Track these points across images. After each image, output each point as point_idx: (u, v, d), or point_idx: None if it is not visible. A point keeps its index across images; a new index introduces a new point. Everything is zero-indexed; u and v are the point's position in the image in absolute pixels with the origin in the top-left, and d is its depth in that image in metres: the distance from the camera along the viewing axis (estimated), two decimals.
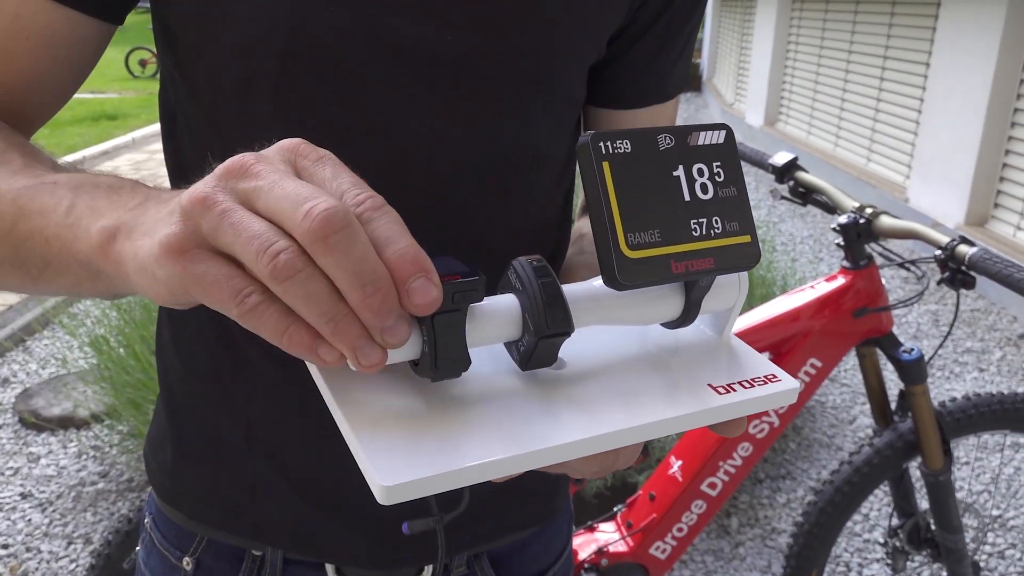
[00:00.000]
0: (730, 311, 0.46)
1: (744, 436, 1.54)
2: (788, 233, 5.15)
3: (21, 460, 2.69)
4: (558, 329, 0.39)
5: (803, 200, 1.66)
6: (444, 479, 0.35)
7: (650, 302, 0.43)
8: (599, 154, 0.39)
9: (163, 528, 0.70)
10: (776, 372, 0.43)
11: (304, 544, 0.66)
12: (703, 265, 0.40)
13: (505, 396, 0.41)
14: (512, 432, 0.38)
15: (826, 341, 1.52)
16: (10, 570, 2.18)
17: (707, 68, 11.53)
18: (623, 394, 0.41)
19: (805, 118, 7.06)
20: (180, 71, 0.59)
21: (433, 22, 0.55)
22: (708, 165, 0.41)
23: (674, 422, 0.40)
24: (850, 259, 1.53)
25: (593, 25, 0.61)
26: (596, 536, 1.64)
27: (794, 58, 7.35)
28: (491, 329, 0.40)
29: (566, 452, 0.38)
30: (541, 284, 0.40)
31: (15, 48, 0.56)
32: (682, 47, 0.68)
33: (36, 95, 0.58)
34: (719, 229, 0.41)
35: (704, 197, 0.41)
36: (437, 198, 0.59)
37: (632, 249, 0.38)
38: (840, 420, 2.97)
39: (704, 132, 0.42)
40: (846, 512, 1.66)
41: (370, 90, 0.55)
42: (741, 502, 2.51)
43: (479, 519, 0.69)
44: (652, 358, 0.45)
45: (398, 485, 0.34)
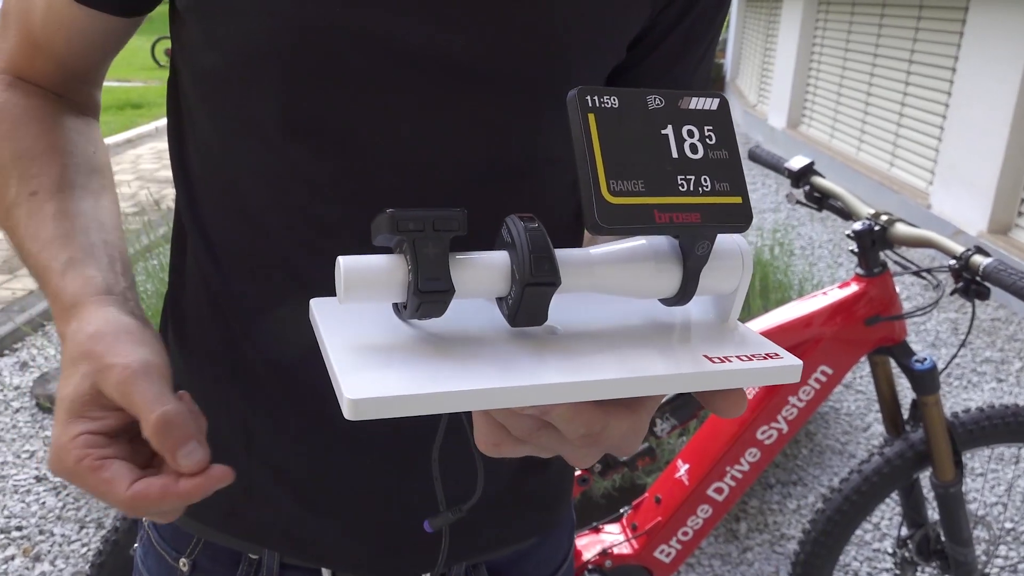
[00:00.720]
0: (734, 294, 0.45)
1: (752, 442, 1.53)
2: (807, 237, 5.11)
3: (37, 443, 2.73)
4: (543, 278, 0.40)
5: (819, 205, 1.65)
6: (413, 401, 0.35)
7: (645, 270, 0.43)
8: (585, 106, 0.40)
9: (160, 527, 0.70)
10: (779, 351, 0.43)
11: (301, 548, 0.66)
12: (689, 219, 0.40)
13: (494, 345, 0.41)
14: (493, 368, 0.38)
15: (837, 348, 1.51)
16: (23, 552, 2.21)
17: (731, 69, 11.46)
18: (614, 352, 0.41)
19: (828, 121, 7.00)
20: (188, 69, 0.60)
21: (443, 26, 0.54)
22: (699, 128, 0.41)
23: (663, 381, 0.39)
24: (864, 266, 1.51)
25: (612, 29, 0.59)
26: (601, 537, 1.64)
27: (819, 60, 7.29)
28: (478, 279, 0.41)
29: (546, 394, 0.37)
30: (528, 235, 0.40)
31: (53, 36, 0.62)
32: (705, 49, 0.66)
33: (79, 65, 0.65)
34: (708, 187, 0.41)
35: (693, 156, 0.41)
36: (444, 202, 0.58)
37: (614, 195, 0.39)
38: (854, 427, 2.95)
39: (696, 97, 0.42)
40: (854, 521, 1.65)
41: (378, 94, 0.55)
42: (751, 507, 2.50)
43: (479, 529, 0.68)
44: (649, 331, 0.45)
45: (364, 399, 0.35)
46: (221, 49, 0.56)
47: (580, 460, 0.44)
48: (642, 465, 1.61)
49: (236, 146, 0.58)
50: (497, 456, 0.42)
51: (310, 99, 0.55)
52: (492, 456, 0.42)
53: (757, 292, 2.93)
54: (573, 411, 0.39)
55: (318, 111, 0.55)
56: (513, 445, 0.42)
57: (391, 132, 0.56)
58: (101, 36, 0.62)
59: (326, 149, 0.56)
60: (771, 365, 0.41)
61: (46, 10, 0.60)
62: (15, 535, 2.28)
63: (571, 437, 0.40)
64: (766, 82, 8.82)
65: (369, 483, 0.63)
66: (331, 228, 0.58)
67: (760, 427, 1.53)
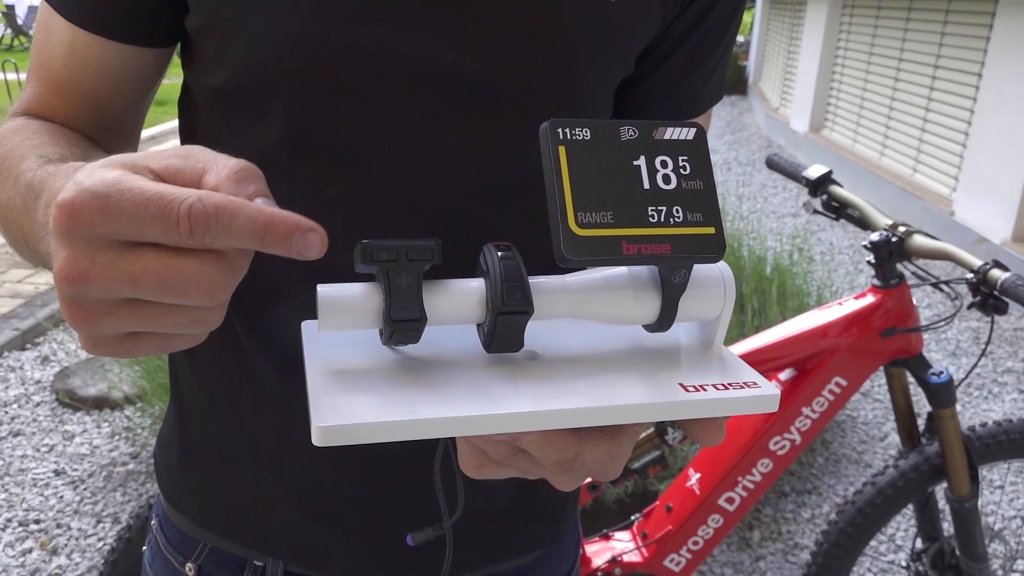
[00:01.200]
0: (716, 321, 0.46)
1: (764, 452, 1.52)
2: (828, 242, 5.07)
3: (56, 438, 2.76)
4: (515, 307, 0.41)
5: (836, 215, 1.63)
6: (380, 429, 0.36)
7: (623, 298, 0.43)
8: (556, 139, 0.40)
9: (168, 532, 0.71)
10: (757, 380, 0.43)
11: (305, 557, 0.66)
12: (659, 250, 0.40)
13: (470, 371, 0.42)
14: (465, 396, 0.39)
15: (852, 360, 1.50)
16: (41, 545, 2.24)
17: (753, 71, 11.39)
18: (589, 379, 0.42)
19: (851, 126, 6.94)
20: (197, 88, 0.60)
21: (452, 43, 0.54)
22: (673, 158, 0.42)
23: (633, 410, 0.40)
24: (880, 277, 1.50)
25: (621, 43, 0.59)
26: (611, 544, 1.64)
27: (842, 64, 7.23)
28: (452, 307, 0.42)
29: (513, 422, 0.38)
30: (502, 264, 0.41)
31: (77, 81, 0.59)
32: (718, 58, 0.66)
33: (107, 114, 0.61)
34: (679, 218, 0.41)
35: (666, 187, 0.41)
36: (453, 221, 0.58)
37: (581, 227, 0.39)
38: (871, 436, 2.92)
39: (672, 127, 0.42)
40: (867, 534, 1.63)
41: (385, 112, 0.55)
42: (764, 515, 2.48)
43: (483, 540, 0.68)
44: (629, 357, 0.45)
45: (332, 427, 0.36)
46: (230, 68, 0.56)
47: (561, 484, 0.44)
48: (653, 473, 1.60)
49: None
50: (480, 478, 0.43)
51: (317, 117, 0.55)
52: (475, 478, 0.43)
53: (774, 299, 2.91)
54: (545, 438, 0.40)
55: (325, 129, 0.55)
56: (495, 467, 0.42)
57: (398, 150, 0.56)
58: (130, 73, 0.60)
59: (333, 167, 0.56)
60: (747, 395, 0.41)
61: (69, 54, 0.58)
62: (33, 528, 2.31)
63: (545, 463, 0.41)
64: (789, 85, 8.76)
65: (372, 494, 0.64)
66: (337, 245, 0.58)
67: (773, 437, 1.52)
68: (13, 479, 2.52)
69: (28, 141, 0.54)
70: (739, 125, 9.46)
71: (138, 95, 0.63)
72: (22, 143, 0.54)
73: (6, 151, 0.54)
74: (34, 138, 0.55)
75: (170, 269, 0.34)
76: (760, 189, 6.30)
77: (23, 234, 0.48)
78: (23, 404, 2.97)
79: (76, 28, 0.57)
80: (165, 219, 0.33)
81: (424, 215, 0.57)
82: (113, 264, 0.33)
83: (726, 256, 3.27)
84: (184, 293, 0.34)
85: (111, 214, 0.33)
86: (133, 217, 0.33)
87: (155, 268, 0.34)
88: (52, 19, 0.58)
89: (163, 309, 0.35)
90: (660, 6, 0.59)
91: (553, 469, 0.42)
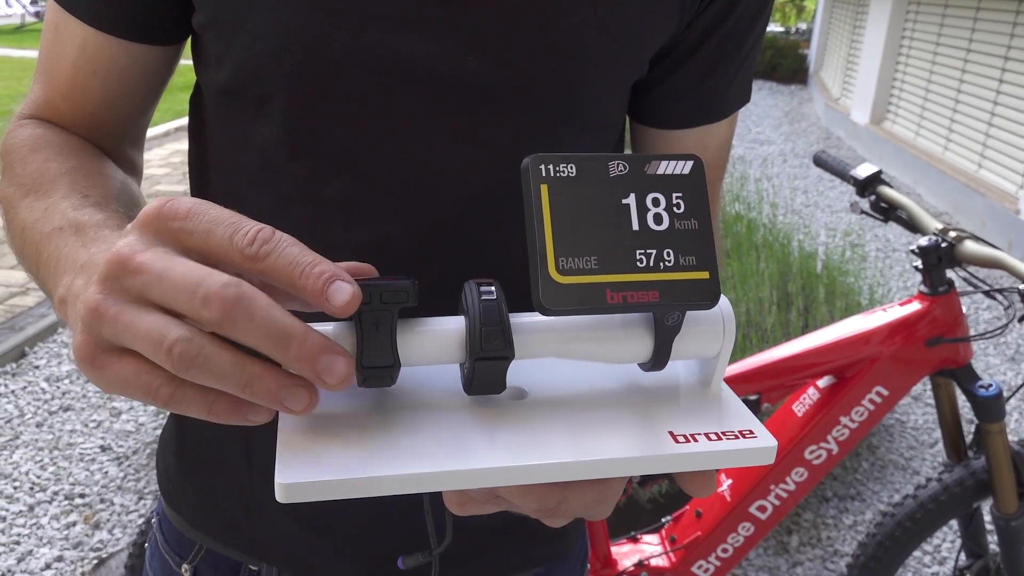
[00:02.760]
0: (715, 359, 0.43)
1: (800, 461, 1.48)
2: (884, 239, 4.92)
3: (104, 414, 2.84)
4: (493, 352, 0.38)
5: (885, 216, 1.57)
6: (344, 486, 0.35)
7: (613, 338, 0.41)
8: (537, 176, 0.38)
9: (166, 532, 0.71)
10: (755, 428, 0.40)
11: (297, 565, 0.66)
12: (646, 298, 0.38)
13: (449, 416, 0.40)
14: (437, 449, 0.37)
15: (895, 369, 1.44)
16: (85, 519, 2.30)
17: (815, 60, 11.10)
18: (572, 427, 0.40)
19: (914, 118, 6.71)
20: (203, 86, 0.59)
21: (453, 44, 0.52)
22: (666, 195, 0.39)
23: (615, 464, 0.37)
24: (928, 284, 1.44)
25: (633, 45, 0.56)
26: (639, 547, 1.61)
27: (907, 54, 6.99)
28: (430, 347, 0.40)
29: (486, 478, 0.36)
30: (482, 306, 0.39)
31: (86, 82, 0.59)
32: (742, 60, 0.62)
33: (114, 119, 0.61)
34: (670, 262, 0.38)
35: (657, 228, 0.38)
36: (454, 226, 0.56)
37: (562, 274, 0.37)
38: (920, 442, 2.83)
39: (666, 161, 0.39)
40: (906, 548, 1.58)
41: (382, 113, 0.53)
42: (804, 520, 2.43)
43: (482, 555, 0.67)
44: (622, 399, 0.43)
45: (294, 484, 0.35)
46: (231, 66, 0.55)
47: (551, 523, 0.42)
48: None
49: (244, 162, 0.58)
50: (465, 515, 0.42)
51: (314, 117, 0.54)
52: (459, 515, 0.42)
53: (821, 299, 2.83)
54: (523, 489, 0.38)
55: (322, 129, 0.54)
56: (478, 506, 0.41)
57: (396, 151, 0.54)
58: (138, 74, 0.60)
59: (330, 168, 0.55)
60: (740, 447, 0.39)
61: (79, 54, 0.58)
62: (78, 502, 2.37)
63: (525, 511, 0.39)
64: (851, 75, 8.51)
65: (365, 509, 0.63)
66: (334, 248, 0.57)
67: (809, 446, 1.47)
68: (62, 453, 2.60)
69: (56, 165, 0.54)
70: (798, 115, 9.24)
71: (144, 97, 0.63)
72: (50, 165, 0.54)
73: (34, 171, 0.54)
74: (60, 160, 0.54)
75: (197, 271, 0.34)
76: (816, 182, 6.15)
77: (38, 257, 0.47)
78: (74, 380, 3.05)
79: (87, 27, 0.57)
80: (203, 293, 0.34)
81: (423, 219, 0.56)
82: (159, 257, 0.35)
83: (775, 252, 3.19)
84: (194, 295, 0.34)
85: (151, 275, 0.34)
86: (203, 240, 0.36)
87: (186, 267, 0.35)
88: (62, 19, 0.58)
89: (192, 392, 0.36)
90: (677, 6, 0.56)
91: (534, 515, 0.41)
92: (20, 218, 0.51)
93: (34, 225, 0.49)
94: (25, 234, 0.50)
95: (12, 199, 0.53)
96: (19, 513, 2.31)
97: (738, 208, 4.02)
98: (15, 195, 0.53)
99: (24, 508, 2.33)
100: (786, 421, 1.51)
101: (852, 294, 2.99)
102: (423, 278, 0.48)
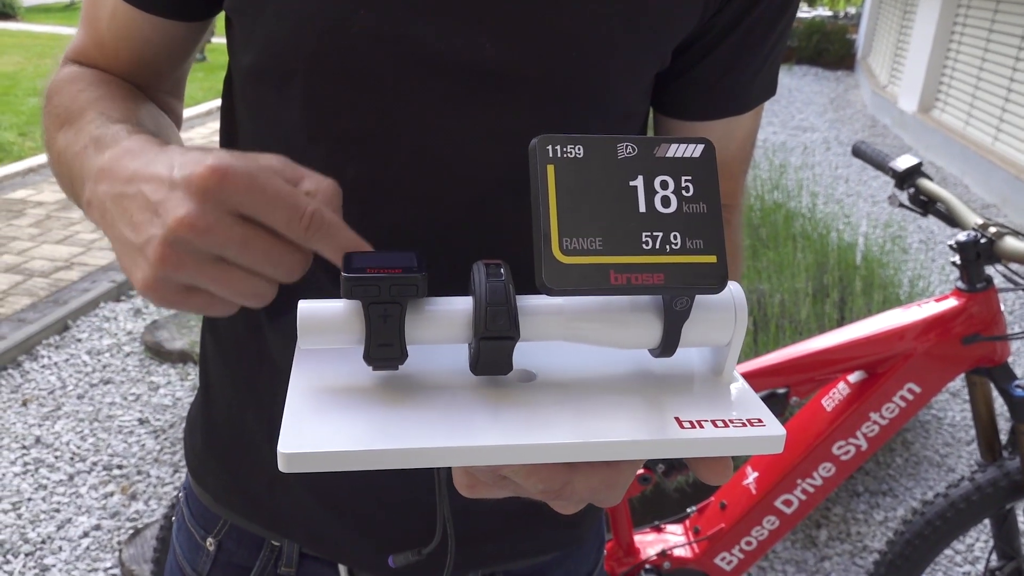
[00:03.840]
0: (727, 347, 0.43)
1: (827, 456, 1.46)
2: (927, 230, 4.81)
3: (143, 388, 2.90)
4: (498, 332, 0.39)
5: (924, 209, 1.54)
6: (346, 458, 0.36)
7: (621, 322, 0.41)
8: (544, 157, 0.38)
9: (192, 506, 0.72)
10: (764, 417, 0.40)
11: (318, 543, 0.67)
12: (651, 280, 0.37)
13: (455, 394, 0.41)
14: (441, 424, 0.38)
15: (928, 366, 1.41)
16: (122, 490, 2.36)
17: (862, 45, 10.85)
18: (577, 410, 0.40)
19: (964, 107, 6.54)
20: (233, 64, 0.60)
21: (470, 30, 0.52)
22: (675, 178, 0.39)
23: (618, 447, 0.37)
24: (966, 280, 1.40)
25: (656, 35, 0.56)
26: (663, 537, 1.61)
27: (959, 40, 6.80)
28: (437, 326, 0.40)
29: (486, 455, 0.37)
30: (488, 287, 0.39)
31: (117, 45, 0.62)
32: (767, 52, 0.61)
33: (146, 74, 0.64)
34: (677, 245, 0.38)
35: (664, 210, 0.38)
36: (472, 213, 0.57)
37: (566, 254, 0.37)
38: (957, 439, 2.78)
39: (676, 144, 0.39)
40: (936, 548, 1.55)
41: (399, 100, 0.54)
42: (834, 514, 2.40)
43: (497, 538, 0.67)
44: (631, 385, 0.43)
45: (296, 454, 0.35)
46: (255, 48, 0.56)
47: (560, 509, 0.42)
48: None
49: (268, 145, 0.58)
50: (473, 497, 0.42)
51: (331, 101, 0.54)
52: (468, 497, 0.42)
53: (859, 292, 2.78)
54: (528, 468, 0.38)
55: (340, 114, 0.55)
56: (486, 488, 0.41)
57: (414, 137, 0.55)
58: (166, 44, 0.63)
59: (347, 153, 0.55)
60: (747, 434, 0.38)
61: (111, 18, 0.61)
62: (115, 473, 2.44)
63: (530, 492, 0.39)
64: (899, 62, 8.31)
65: (381, 486, 0.64)
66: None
67: (837, 441, 1.45)
68: (101, 424, 2.67)
69: (85, 94, 0.58)
70: (843, 102, 9.05)
71: (173, 64, 0.65)
72: (80, 95, 0.58)
73: (66, 100, 0.58)
74: (91, 90, 0.58)
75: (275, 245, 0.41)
76: (859, 171, 6.03)
77: (71, 176, 0.53)
78: (115, 354, 3.12)
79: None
80: (293, 211, 0.40)
81: (441, 205, 0.56)
82: (232, 227, 0.39)
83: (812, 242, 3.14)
84: (276, 265, 0.41)
85: (255, 191, 0.39)
86: (271, 200, 0.40)
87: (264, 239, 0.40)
88: None
89: (243, 275, 0.41)
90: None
91: (541, 497, 0.40)
92: (57, 146, 0.56)
93: (65, 149, 0.54)
94: (60, 159, 0.55)
95: (50, 130, 0.58)
96: (59, 482, 2.38)
97: (777, 196, 3.96)
98: (52, 126, 0.58)
99: (64, 477, 2.40)
100: (815, 416, 1.49)
101: (891, 286, 2.94)
102: (440, 263, 0.48)
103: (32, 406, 2.75)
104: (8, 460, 2.46)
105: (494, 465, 0.38)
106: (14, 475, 2.40)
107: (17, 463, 2.45)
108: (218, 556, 0.70)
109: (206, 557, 0.70)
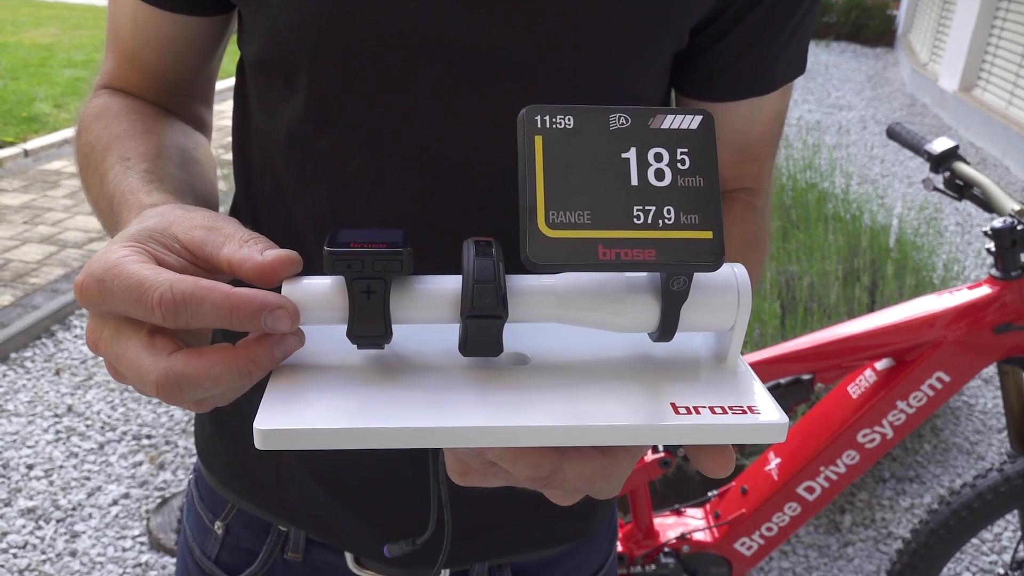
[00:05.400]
0: (730, 332, 0.41)
1: (852, 444, 1.44)
2: (964, 212, 4.71)
3: None
4: (485, 310, 0.37)
5: (959, 194, 1.50)
6: (321, 435, 0.35)
7: (616, 303, 0.39)
8: (532, 127, 0.36)
9: (202, 489, 0.73)
10: (765, 404, 0.38)
11: (324, 530, 0.67)
12: (641, 256, 0.36)
13: (443, 375, 0.39)
14: (426, 404, 0.37)
15: (958, 355, 1.38)
16: (150, 459, 2.41)
17: (903, 21, 10.59)
18: (568, 393, 0.38)
19: (1007, 86, 6.36)
20: (243, 55, 0.60)
21: (475, 16, 0.51)
22: (670, 150, 0.37)
23: (607, 431, 0.36)
24: (1000, 268, 1.37)
25: (667, 16, 0.54)
26: (683, 520, 1.60)
27: (1004, 17, 6.60)
28: (424, 305, 0.39)
29: (467, 437, 0.35)
30: (476, 264, 0.38)
31: (142, 51, 0.62)
32: (793, 29, 0.59)
33: (175, 80, 0.64)
34: (670, 220, 0.36)
35: (658, 183, 0.36)
36: (478, 202, 0.56)
37: (552, 228, 0.35)
38: (987, 427, 2.74)
39: (672, 115, 0.37)
40: (961, 538, 1.53)
41: (404, 88, 0.53)
42: (859, 500, 2.38)
43: (503, 529, 0.67)
44: (629, 370, 0.41)
45: (271, 430, 0.35)
46: (261, 39, 0.55)
47: (555, 499, 0.42)
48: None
49: (275, 135, 0.58)
50: (467, 485, 0.41)
51: (337, 91, 0.54)
52: (462, 485, 0.41)
53: (891, 276, 2.73)
54: (514, 453, 0.37)
55: (345, 104, 0.54)
56: (479, 476, 0.40)
57: (420, 126, 0.54)
58: (187, 42, 0.62)
59: (353, 143, 0.55)
60: (746, 422, 0.36)
61: (133, 24, 0.61)
62: (144, 443, 2.48)
63: (518, 478, 0.38)
64: (940, 39, 8.10)
65: (384, 474, 0.63)
66: (357, 222, 0.57)
67: (862, 429, 1.43)
68: (131, 394, 2.71)
69: (108, 130, 0.58)
70: (882, 80, 8.86)
71: (199, 63, 0.65)
72: (105, 132, 0.58)
73: (92, 140, 0.58)
74: (113, 126, 0.58)
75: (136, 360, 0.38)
76: (895, 151, 5.91)
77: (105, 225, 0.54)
78: None
79: (136, 0, 0.59)
80: (143, 305, 0.37)
81: (448, 195, 0.55)
82: (108, 343, 0.39)
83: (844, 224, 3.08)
84: (141, 385, 0.38)
85: (107, 296, 0.38)
86: (122, 301, 0.38)
87: (129, 356, 0.38)
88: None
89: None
90: None
91: (529, 485, 0.39)
92: (88, 191, 0.57)
93: (95, 202, 0.56)
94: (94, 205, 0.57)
95: (81, 169, 0.59)
96: (90, 451, 2.43)
97: (809, 176, 3.89)
98: (81, 164, 0.59)
99: (95, 446, 2.45)
100: (840, 403, 1.47)
101: (924, 270, 2.88)
102: (446, 253, 0.47)
103: (65, 375, 2.80)
104: (41, 428, 2.51)
105: (478, 448, 0.37)
106: (47, 443, 2.45)
107: (50, 431, 2.50)
108: (226, 540, 0.70)
109: (214, 540, 0.71)
